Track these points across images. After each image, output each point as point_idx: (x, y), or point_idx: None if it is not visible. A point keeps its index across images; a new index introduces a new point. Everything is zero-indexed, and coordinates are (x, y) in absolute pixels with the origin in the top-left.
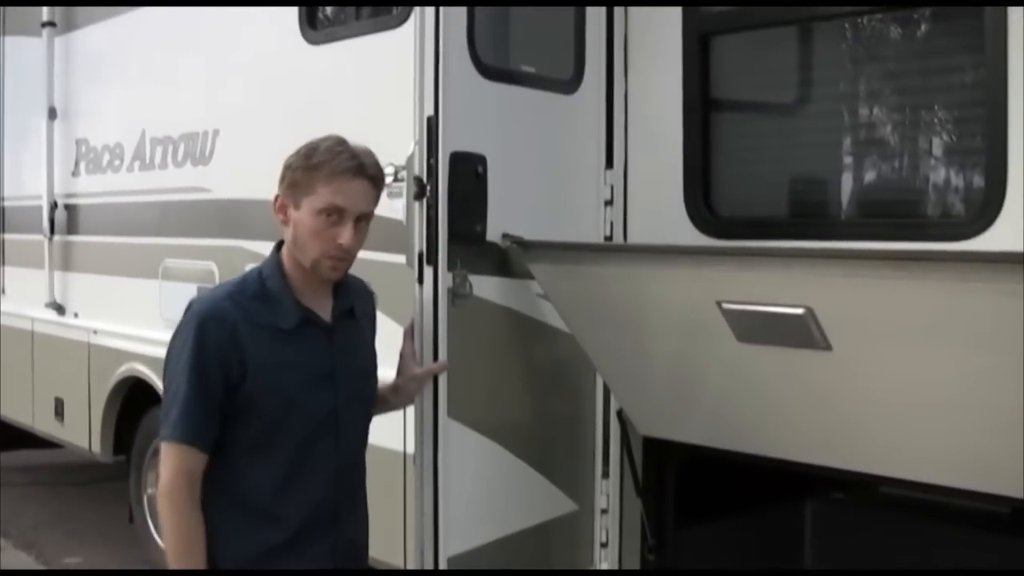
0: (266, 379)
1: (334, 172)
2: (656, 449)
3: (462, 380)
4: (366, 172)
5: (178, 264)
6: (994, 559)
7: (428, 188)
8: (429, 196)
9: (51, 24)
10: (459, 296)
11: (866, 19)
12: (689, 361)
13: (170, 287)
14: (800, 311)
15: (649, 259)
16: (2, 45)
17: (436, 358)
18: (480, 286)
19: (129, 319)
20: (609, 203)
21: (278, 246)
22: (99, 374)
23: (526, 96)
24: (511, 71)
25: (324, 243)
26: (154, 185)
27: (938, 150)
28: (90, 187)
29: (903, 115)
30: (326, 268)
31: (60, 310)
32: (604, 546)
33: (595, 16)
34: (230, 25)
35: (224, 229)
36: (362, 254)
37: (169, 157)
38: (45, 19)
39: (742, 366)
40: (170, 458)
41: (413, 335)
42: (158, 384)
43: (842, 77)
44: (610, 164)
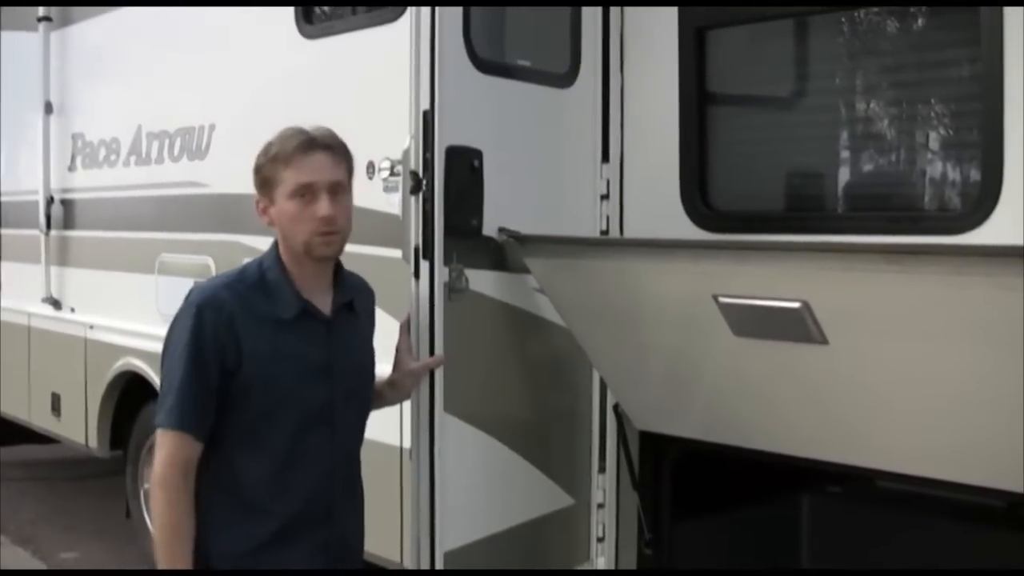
0: (262, 368)
1: (290, 154)
2: (652, 443)
3: (458, 375)
4: (318, 143)
5: (174, 259)
6: (990, 553)
7: (424, 182)
8: (425, 190)
9: (47, 19)
10: (455, 290)
11: (862, 13)
12: (685, 355)
13: (166, 282)
14: (796, 305)
15: (645, 253)
16: None
17: (432, 352)
18: (476, 280)
19: (125, 314)
20: (605, 197)
21: (276, 243)
22: (95, 369)
23: (522, 90)
24: (507, 65)
25: (307, 223)
26: (150, 180)
27: (935, 144)
28: (86, 182)
29: (900, 109)
30: (320, 245)
31: (56, 305)
32: (600, 540)
33: (591, 10)
34: (226, 19)
35: (220, 224)
36: (358, 248)
37: (165, 152)
38: (41, 14)
39: (738, 360)
40: (164, 446)
41: (409, 329)
42: (155, 379)
43: (838, 71)
44: (606, 158)
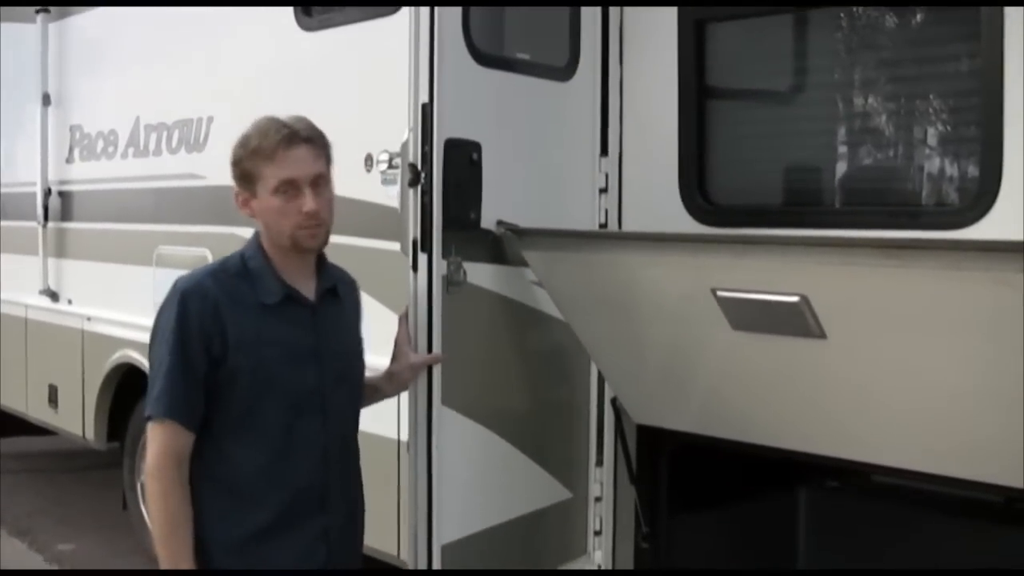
0: (248, 354)
1: (272, 149)
2: (650, 437)
3: (456, 368)
4: (301, 136)
5: (172, 251)
6: (987, 548)
7: (423, 175)
8: (424, 183)
9: (45, 10)
10: (453, 283)
11: (861, 8)
12: (684, 349)
13: (164, 274)
14: (795, 299)
15: (644, 247)
16: None
17: (430, 345)
18: (474, 273)
19: (123, 306)
20: (604, 191)
21: (257, 234)
22: (93, 361)
23: (521, 83)
24: (506, 58)
25: (292, 217)
26: (148, 172)
27: (934, 139)
28: (84, 174)
29: (899, 103)
30: (305, 238)
31: (54, 297)
32: (598, 534)
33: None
34: (225, 11)
35: (218, 216)
36: (356, 240)
37: (163, 144)
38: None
39: (737, 354)
40: (156, 437)
41: (408, 321)
42: None
43: (838, 65)
44: (605, 152)
